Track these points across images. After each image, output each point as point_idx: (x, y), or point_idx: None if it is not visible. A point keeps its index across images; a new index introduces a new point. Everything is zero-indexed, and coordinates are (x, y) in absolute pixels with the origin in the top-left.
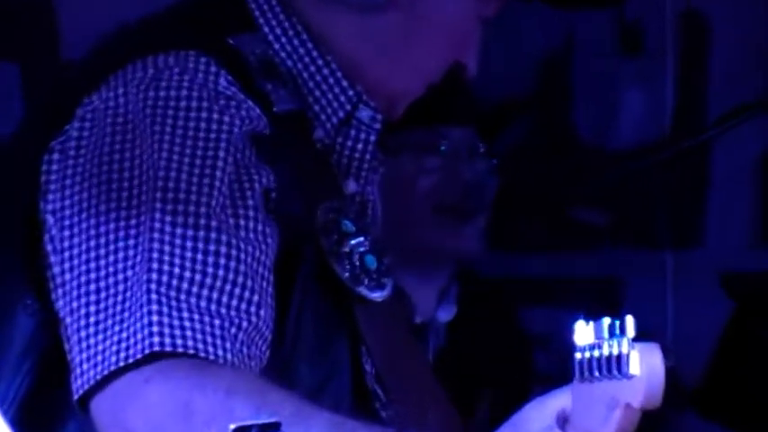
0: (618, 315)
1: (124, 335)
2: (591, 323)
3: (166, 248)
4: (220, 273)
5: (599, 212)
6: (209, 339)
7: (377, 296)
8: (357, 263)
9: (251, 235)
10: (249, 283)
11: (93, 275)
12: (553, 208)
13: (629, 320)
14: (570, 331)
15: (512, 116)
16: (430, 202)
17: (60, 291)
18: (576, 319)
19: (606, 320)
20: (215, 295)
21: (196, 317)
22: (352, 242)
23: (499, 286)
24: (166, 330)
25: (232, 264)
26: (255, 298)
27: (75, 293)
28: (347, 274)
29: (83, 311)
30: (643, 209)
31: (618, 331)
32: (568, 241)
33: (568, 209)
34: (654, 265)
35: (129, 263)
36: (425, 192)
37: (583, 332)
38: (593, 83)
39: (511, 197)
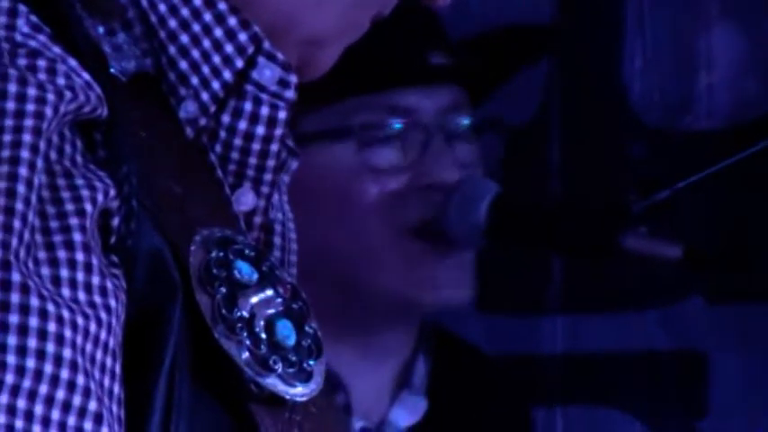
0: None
1: None
2: None
3: None
4: (29, 365)
5: (671, 241)
6: None
7: (298, 393)
8: (263, 335)
9: (80, 295)
10: (80, 380)
11: None
12: (594, 233)
13: None
14: None
15: (522, 70)
16: (381, 221)
17: None
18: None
19: None
20: (22, 404)
21: None
22: (254, 299)
23: (502, 369)
24: None
25: (49, 348)
26: (92, 405)
27: None
28: (246, 356)
29: None
30: (747, 233)
31: None
32: (619, 292)
33: (620, 236)
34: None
35: None
36: (373, 205)
37: None
38: (655, 14)
39: (522, 213)
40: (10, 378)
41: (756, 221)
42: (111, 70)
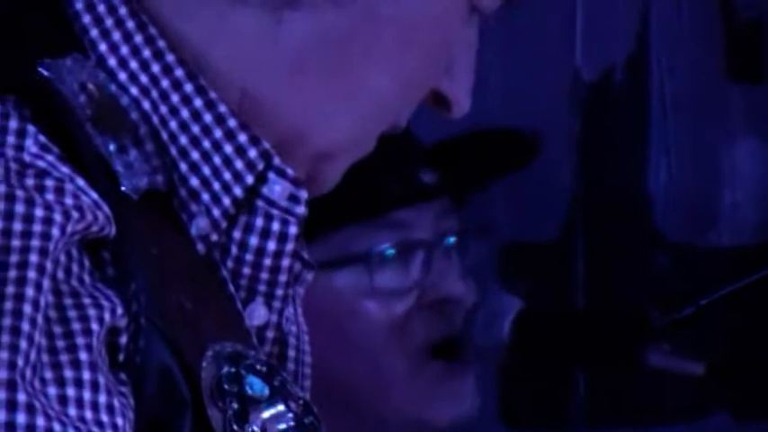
0: None
1: None
2: None
3: None
4: None
5: (694, 358)
6: None
7: None
8: None
9: (87, 413)
10: None
11: None
12: (617, 349)
13: None
14: None
15: (506, 176)
16: (390, 343)
17: None
18: None
19: None
20: None
21: None
22: (265, 415)
23: None
24: None
25: None
26: None
27: None
28: None
29: None
30: None
31: None
32: (644, 408)
33: (643, 352)
34: None
35: None
36: (381, 328)
37: None
38: (679, 129)
39: (545, 329)
40: None
41: None
42: (122, 188)
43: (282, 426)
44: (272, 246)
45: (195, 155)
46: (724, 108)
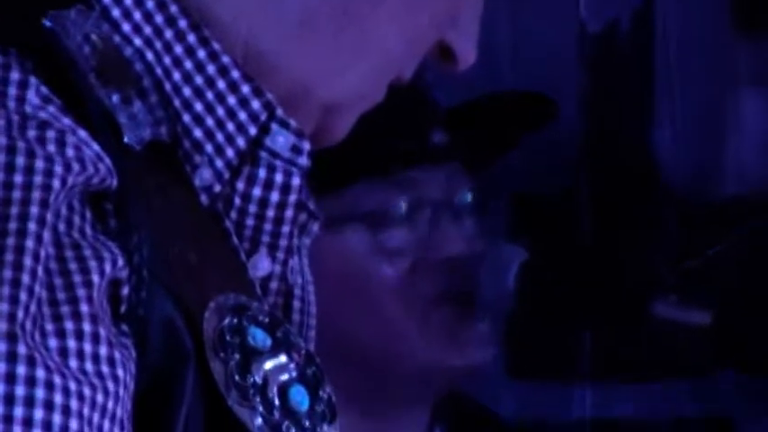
0: None
1: None
2: None
3: None
4: None
5: (701, 309)
6: None
7: None
8: (276, 401)
9: (87, 365)
10: None
11: None
12: (624, 301)
13: None
14: None
15: (522, 139)
16: (398, 299)
17: None
18: None
19: None
20: None
21: None
22: (268, 365)
23: None
24: None
25: (56, 419)
26: None
27: None
28: (260, 422)
29: None
30: None
31: None
32: (649, 361)
33: (650, 303)
34: None
35: None
36: (388, 285)
37: None
38: (685, 82)
39: (551, 280)
40: None
41: None
42: (125, 140)
43: (285, 376)
44: (275, 197)
45: (199, 106)
46: (730, 60)
